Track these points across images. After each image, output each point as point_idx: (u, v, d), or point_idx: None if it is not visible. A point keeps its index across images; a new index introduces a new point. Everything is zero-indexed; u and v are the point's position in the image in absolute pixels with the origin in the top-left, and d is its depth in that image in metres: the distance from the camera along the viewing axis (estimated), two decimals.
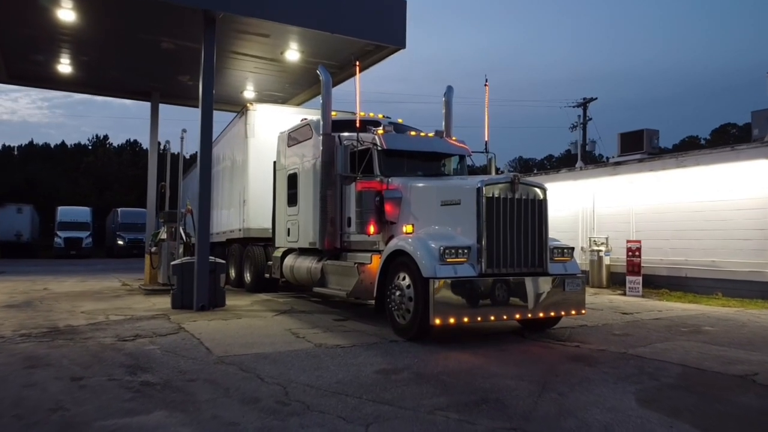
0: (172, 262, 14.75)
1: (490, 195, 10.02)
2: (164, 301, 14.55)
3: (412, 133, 13.22)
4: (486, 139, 13.43)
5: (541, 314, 10.35)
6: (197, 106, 14.84)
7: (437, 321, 9.38)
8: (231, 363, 8.33)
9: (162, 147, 19.23)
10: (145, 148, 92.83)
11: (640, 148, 22.64)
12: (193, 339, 10.11)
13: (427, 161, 12.86)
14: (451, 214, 10.54)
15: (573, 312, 10.76)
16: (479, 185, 10.02)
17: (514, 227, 10.21)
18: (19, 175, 69.09)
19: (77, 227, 50.09)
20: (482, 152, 13.44)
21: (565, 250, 11.01)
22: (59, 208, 52.52)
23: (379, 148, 12.20)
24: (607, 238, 20.84)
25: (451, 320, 9.48)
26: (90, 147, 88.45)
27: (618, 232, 20.73)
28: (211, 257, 14.41)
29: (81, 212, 52.56)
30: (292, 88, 21.66)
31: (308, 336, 10.46)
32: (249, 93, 22.51)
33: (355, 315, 13.19)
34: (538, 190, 10.55)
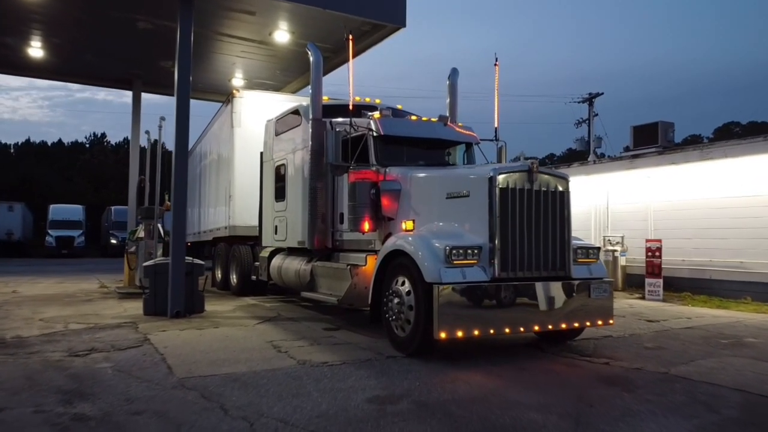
0: (144, 263, 13.26)
1: (505, 186, 8.52)
2: (137, 307, 12.98)
3: (413, 117, 11.73)
4: (496, 125, 11.94)
5: (563, 325, 8.86)
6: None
7: (442, 335, 7.89)
8: (193, 387, 6.84)
9: (156, 141, 17.58)
10: (142, 146, 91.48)
11: (655, 141, 21.11)
12: (155, 354, 8.62)
13: (430, 149, 11.36)
14: (459, 208, 9.04)
15: (600, 322, 9.28)
16: (492, 174, 8.53)
17: (532, 223, 8.73)
18: (14, 173, 67.94)
19: (69, 226, 48.89)
20: (492, 140, 11.95)
21: (590, 251, 9.54)
22: (51, 206, 51.32)
23: (375, 134, 10.72)
24: (622, 237, 19.31)
25: (459, 333, 7.98)
26: (87, 145, 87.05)
27: (634, 231, 19.23)
28: (188, 257, 12.91)
29: (73, 210, 51.33)
30: (284, 75, 20.15)
31: (292, 350, 8.96)
32: (238, 81, 21.03)
33: (348, 323, 11.70)
34: (559, 181, 9.06)
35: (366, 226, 10.27)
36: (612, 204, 20.34)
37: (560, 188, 9.01)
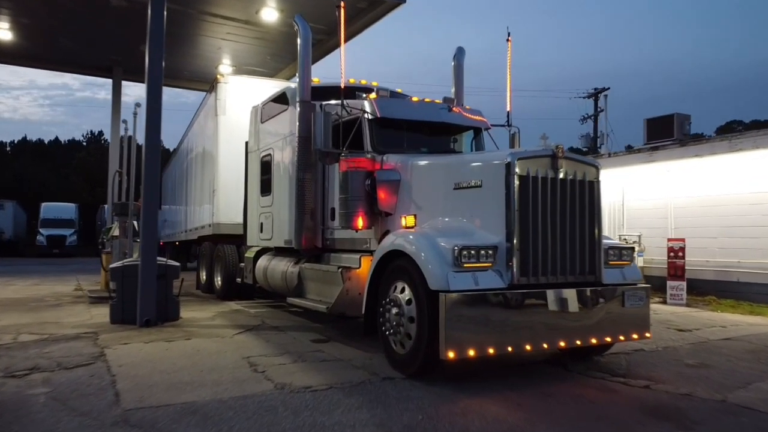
0: (111, 265, 11.85)
1: (525, 173, 7.10)
2: (106, 313, 11.51)
3: (414, 99, 10.31)
4: (508, 108, 10.54)
5: (593, 340, 7.44)
6: (171, 84, 11.86)
7: (450, 354, 6.46)
8: (137, 424, 5.43)
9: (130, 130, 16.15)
10: (141, 143, 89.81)
11: (670, 135, 19.59)
12: (105, 376, 7.19)
13: (434, 135, 9.93)
14: (469, 201, 7.61)
15: (635, 335, 7.87)
16: (509, 159, 7.09)
17: (557, 219, 7.31)
18: (8, 171, 66.93)
19: (61, 224, 47.77)
20: (503, 126, 10.54)
21: (624, 251, 8.12)
22: (43, 204, 50.24)
23: (371, 117, 9.28)
24: (639, 236, 17.88)
25: (471, 352, 6.56)
26: (84, 143, 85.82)
27: (652, 229, 17.81)
28: (161, 258, 11.50)
29: (65, 209, 50.20)
30: (274, 61, 18.71)
31: (270, 370, 7.53)
32: (225, 68, 19.59)
33: (340, 334, 10.27)
34: (589, 168, 7.65)
35: (360, 222, 8.85)
36: (628, 200, 18.89)
37: (590, 177, 7.61)
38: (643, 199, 18.38)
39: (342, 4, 9.53)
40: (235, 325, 11.01)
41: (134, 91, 22.35)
